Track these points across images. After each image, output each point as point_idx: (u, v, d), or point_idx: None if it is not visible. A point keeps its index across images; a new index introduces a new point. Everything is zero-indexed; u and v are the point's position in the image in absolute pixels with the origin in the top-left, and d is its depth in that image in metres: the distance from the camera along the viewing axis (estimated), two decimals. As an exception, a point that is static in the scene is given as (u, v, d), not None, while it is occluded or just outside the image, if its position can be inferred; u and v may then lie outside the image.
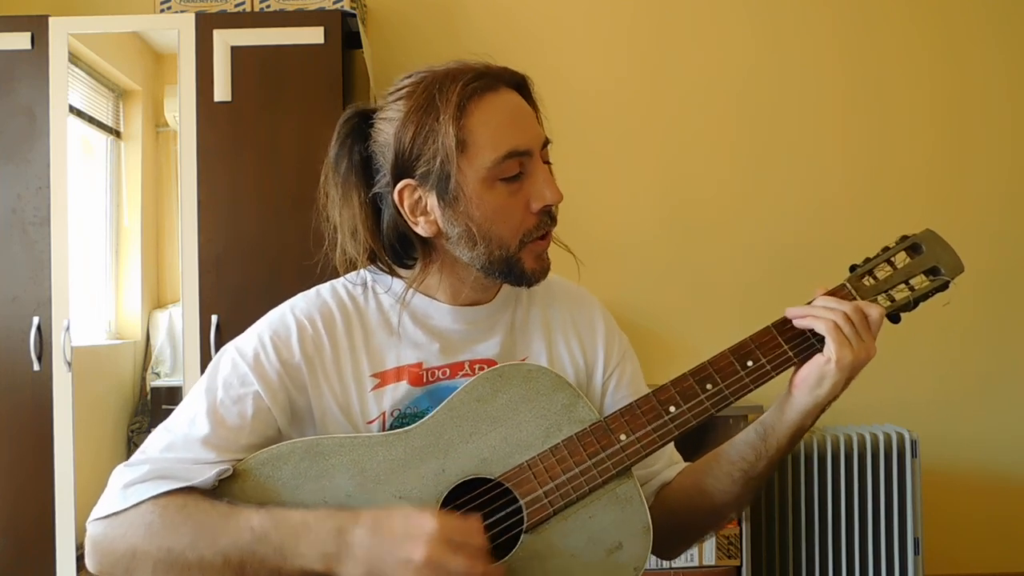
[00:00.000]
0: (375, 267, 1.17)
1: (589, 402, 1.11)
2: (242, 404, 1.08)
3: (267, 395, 1.08)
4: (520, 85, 1.13)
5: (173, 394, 2.66)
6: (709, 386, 1.09)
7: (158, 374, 2.73)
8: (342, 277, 1.19)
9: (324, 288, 1.17)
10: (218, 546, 0.99)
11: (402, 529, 0.97)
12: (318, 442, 1.07)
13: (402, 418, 1.12)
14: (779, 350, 1.10)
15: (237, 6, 2.68)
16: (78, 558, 2.48)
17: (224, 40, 2.54)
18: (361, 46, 2.70)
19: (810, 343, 1.10)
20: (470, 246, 1.09)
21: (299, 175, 2.54)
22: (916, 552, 2.72)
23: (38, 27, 2.54)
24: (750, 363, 1.10)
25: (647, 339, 3.00)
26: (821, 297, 1.11)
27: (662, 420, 1.08)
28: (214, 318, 2.51)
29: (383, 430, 1.11)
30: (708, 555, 2.66)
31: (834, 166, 3.11)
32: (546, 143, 1.12)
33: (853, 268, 1.15)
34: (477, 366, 1.15)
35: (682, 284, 3.09)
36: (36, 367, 2.50)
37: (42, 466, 2.49)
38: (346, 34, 2.60)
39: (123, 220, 2.76)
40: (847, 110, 3.12)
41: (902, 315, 1.14)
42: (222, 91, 2.54)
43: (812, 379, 1.08)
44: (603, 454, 1.07)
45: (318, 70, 2.55)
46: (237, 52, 2.55)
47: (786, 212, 3.10)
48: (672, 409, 1.09)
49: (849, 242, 3.02)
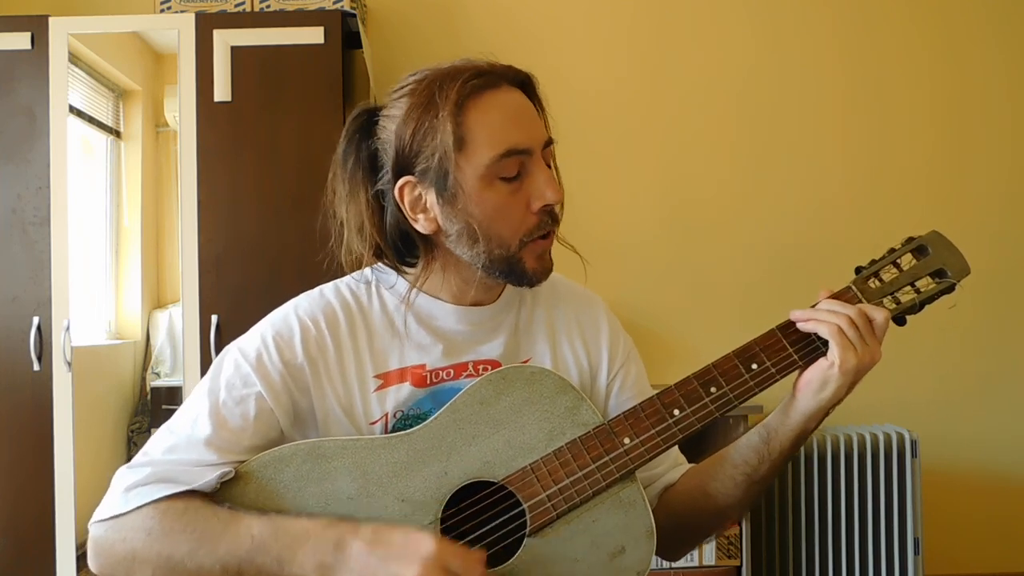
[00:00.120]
0: (380, 265, 1.17)
1: (593, 405, 1.11)
2: (244, 405, 1.07)
3: (270, 396, 1.08)
4: (524, 84, 1.12)
5: (173, 394, 2.66)
6: (713, 389, 1.09)
7: (158, 374, 2.72)
8: (346, 277, 1.18)
9: (327, 288, 1.17)
10: (217, 555, 0.99)
11: (400, 547, 0.97)
12: (320, 444, 1.06)
13: (405, 419, 1.12)
14: (784, 353, 1.10)
15: (237, 6, 2.68)
16: (78, 558, 2.47)
17: (224, 40, 2.53)
18: (361, 46, 2.70)
19: (815, 346, 1.09)
20: (470, 244, 1.08)
21: (299, 175, 2.53)
22: (916, 552, 2.72)
23: (38, 27, 2.53)
24: (755, 366, 1.09)
25: (647, 339, 3.00)
26: (826, 300, 1.11)
27: (666, 423, 1.08)
28: (214, 318, 2.51)
29: (386, 431, 1.11)
30: (708, 555, 2.66)
31: (834, 166, 3.11)
32: (549, 143, 1.11)
33: (859, 270, 1.14)
34: (481, 367, 1.15)
35: (682, 284, 3.09)
36: (36, 367, 2.50)
37: (42, 466, 2.48)
38: (346, 34, 2.60)
39: (123, 220, 2.76)
40: (847, 110, 3.12)
41: (907, 317, 1.13)
42: (222, 91, 2.53)
43: (816, 383, 1.07)
44: (606, 457, 1.06)
45: (318, 70, 2.55)
46: (237, 52, 2.54)
47: (786, 212, 3.10)
48: (676, 412, 1.08)
49: (849, 242, 3.03)
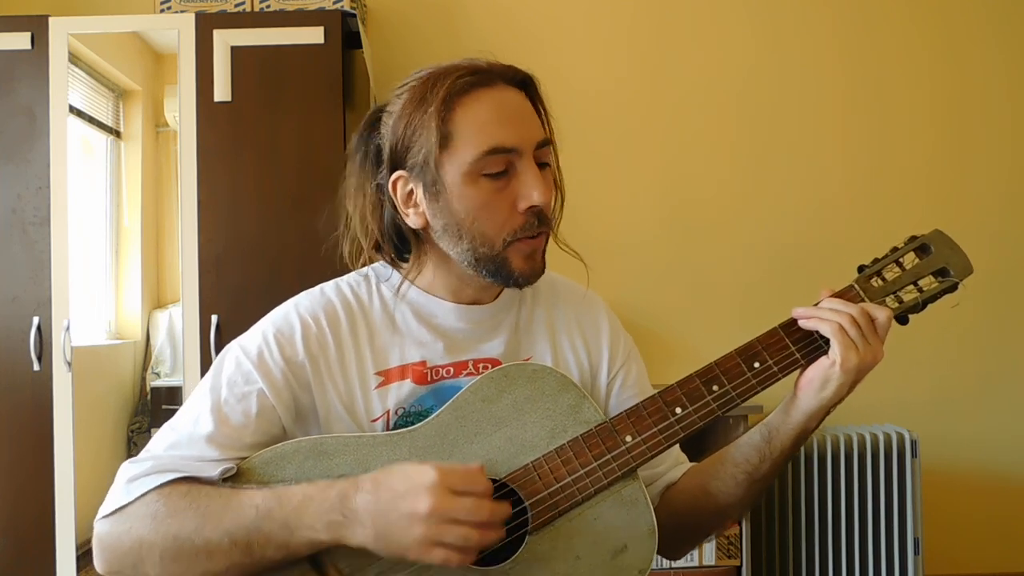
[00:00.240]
0: (381, 264, 1.19)
1: (595, 403, 1.11)
2: (246, 402, 1.08)
3: (271, 393, 1.08)
4: (524, 84, 1.12)
5: (173, 394, 2.65)
6: (716, 387, 1.09)
7: (158, 374, 2.72)
8: (347, 275, 1.19)
9: (328, 286, 1.17)
10: (223, 528, 0.99)
11: (403, 485, 0.96)
12: (322, 441, 1.06)
13: (406, 416, 1.12)
14: (786, 351, 1.10)
15: (237, 6, 2.68)
16: (78, 558, 2.47)
17: (224, 40, 2.53)
18: (361, 46, 2.69)
19: (817, 344, 1.09)
20: (455, 241, 1.09)
21: (299, 175, 2.53)
22: (916, 552, 2.72)
23: (38, 27, 2.53)
24: (757, 364, 1.09)
25: (647, 339, 3.00)
26: (828, 299, 1.11)
27: (668, 422, 1.08)
28: (214, 318, 2.50)
29: (387, 428, 1.11)
30: (708, 555, 2.65)
31: (834, 166, 3.11)
32: (544, 144, 1.10)
33: (861, 269, 1.14)
34: (481, 365, 1.15)
35: (682, 284, 3.09)
36: (36, 367, 2.49)
37: (42, 466, 2.48)
38: (346, 34, 2.60)
39: (123, 220, 2.76)
40: (847, 110, 3.12)
41: (910, 316, 1.13)
42: (222, 91, 2.53)
43: (817, 382, 1.08)
44: (608, 456, 1.06)
45: (318, 70, 2.55)
46: (237, 52, 2.54)
47: (786, 212, 3.10)
48: (678, 410, 1.08)
49: (849, 242, 3.03)
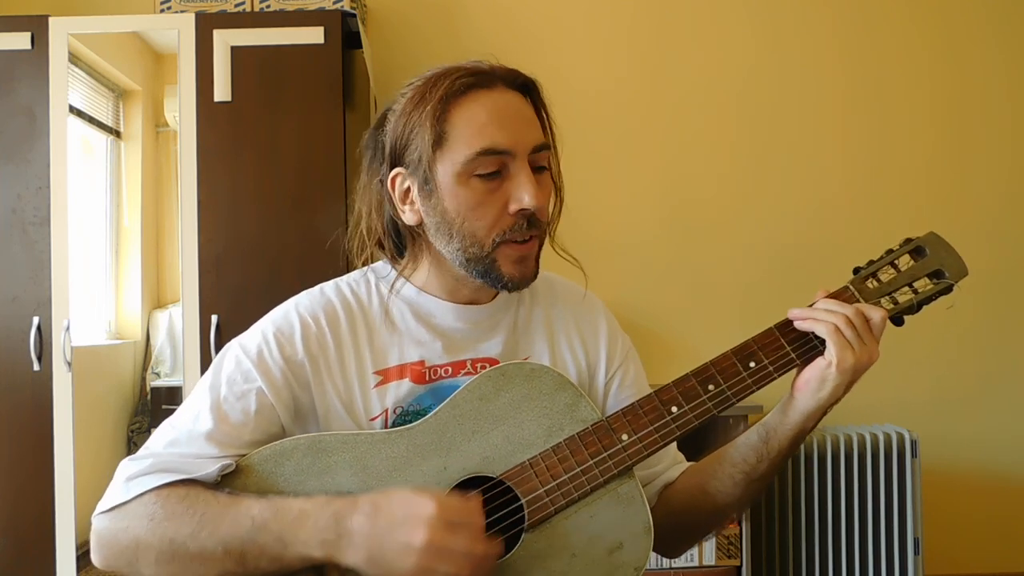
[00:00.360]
0: (380, 264, 1.20)
1: (591, 402, 1.11)
2: (245, 400, 1.08)
3: (270, 391, 1.09)
4: (526, 88, 1.12)
5: (173, 394, 2.66)
6: (711, 386, 1.09)
7: (158, 374, 2.73)
8: (347, 275, 1.20)
9: (328, 286, 1.18)
10: (218, 536, 1.00)
11: (401, 513, 0.97)
12: (321, 439, 1.07)
13: (405, 415, 1.12)
14: (782, 351, 1.10)
15: (237, 6, 2.68)
16: (78, 558, 2.47)
17: (224, 40, 2.54)
18: (361, 46, 2.70)
19: (812, 344, 1.10)
20: (447, 240, 1.10)
21: (299, 175, 2.54)
22: (916, 552, 2.72)
23: (38, 27, 2.54)
24: (752, 364, 1.10)
25: (647, 339, 3.00)
26: (823, 299, 1.11)
27: (664, 420, 1.08)
28: (214, 318, 2.51)
29: (386, 427, 1.11)
30: (708, 555, 2.65)
31: (834, 166, 3.11)
32: (541, 148, 1.10)
33: (857, 270, 1.15)
34: (480, 365, 1.15)
35: (682, 284, 3.09)
36: (36, 367, 2.50)
37: (42, 466, 2.48)
38: (346, 34, 2.60)
39: (123, 220, 2.76)
40: (847, 110, 3.12)
41: (905, 317, 1.14)
42: (222, 91, 2.54)
43: (814, 382, 1.08)
44: (605, 453, 1.07)
45: (318, 70, 2.55)
46: (237, 52, 2.54)
47: (786, 212, 3.10)
48: (674, 409, 1.09)
49: (849, 242, 3.03)
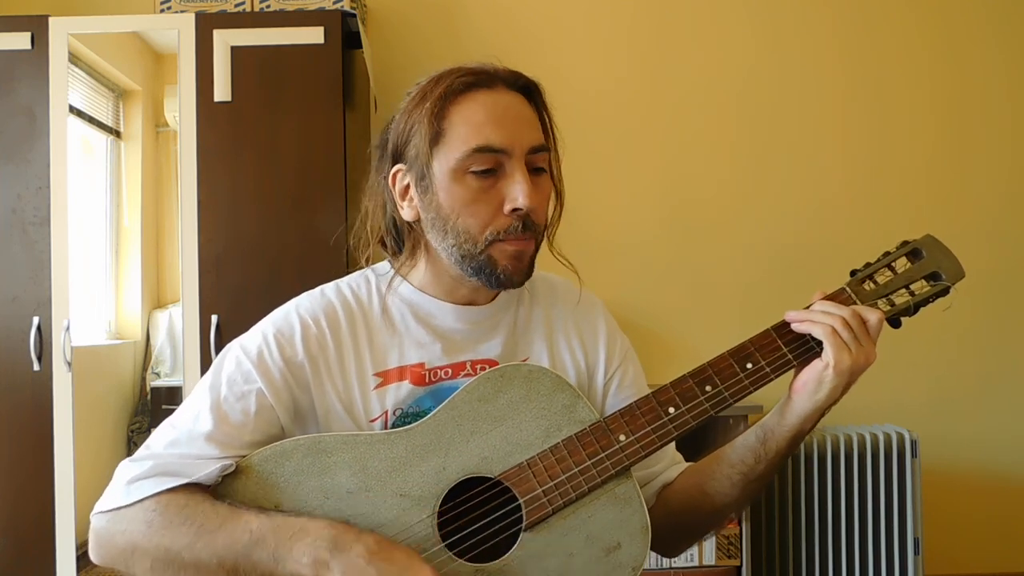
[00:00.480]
0: (381, 266, 1.21)
1: (589, 403, 1.12)
2: (245, 401, 1.09)
3: (270, 392, 1.09)
4: (527, 90, 1.13)
5: (173, 394, 2.66)
6: (708, 388, 1.09)
7: (158, 374, 2.73)
8: (347, 276, 1.21)
9: (328, 287, 1.19)
10: (214, 548, 1.00)
11: (401, 567, 0.98)
12: (321, 439, 1.08)
13: (404, 417, 1.13)
14: (778, 353, 1.10)
15: (237, 6, 2.68)
16: (78, 558, 2.48)
17: (224, 40, 2.54)
18: (361, 46, 2.70)
19: (809, 346, 1.10)
20: (442, 236, 1.10)
21: (299, 175, 2.54)
22: (916, 552, 2.72)
23: (38, 27, 2.54)
24: (749, 365, 1.10)
25: (647, 339, 3.01)
26: (820, 301, 1.11)
27: (661, 421, 1.09)
28: (214, 318, 2.51)
29: (386, 428, 1.12)
30: (708, 555, 2.65)
31: (834, 166, 3.12)
32: (538, 149, 1.11)
33: (854, 272, 1.15)
34: (479, 366, 1.16)
35: (682, 284, 3.09)
36: (36, 367, 2.50)
37: (42, 466, 2.49)
38: (346, 34, 2.60)
39: (123, 220, 2.76)
40: (847, 110, 3.12)
41: (902, 319, 1.14)
42: (222, 91, 2.54)
43: (811, 384, 1.08)
44: (602, 454, 1.07)
45: (318, 70, 2.55)
46: (237, 52, 2.54)
47: (786, 212, 3.10)
48: (671, 410, 1.09)
49: (849, 242, 3.03)
